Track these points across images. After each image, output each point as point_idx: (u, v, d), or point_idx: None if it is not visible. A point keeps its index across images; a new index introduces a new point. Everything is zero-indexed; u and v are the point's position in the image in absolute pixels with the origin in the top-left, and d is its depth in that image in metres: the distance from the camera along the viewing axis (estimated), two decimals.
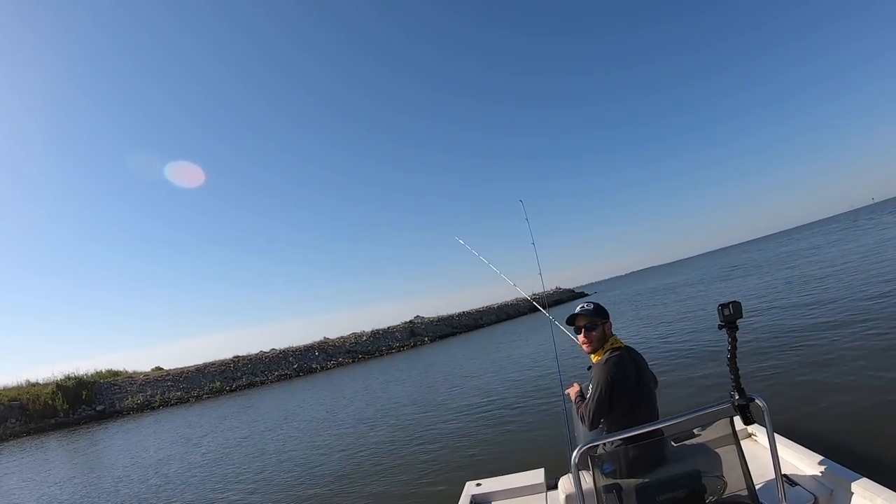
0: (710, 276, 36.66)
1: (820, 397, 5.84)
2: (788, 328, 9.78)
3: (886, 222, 35.31)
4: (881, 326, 7.93)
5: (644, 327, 15.78)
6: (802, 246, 39.03)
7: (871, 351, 6.90)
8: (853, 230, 39.32)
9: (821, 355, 7.37)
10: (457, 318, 47.24)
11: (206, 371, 30.35)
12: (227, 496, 7.66)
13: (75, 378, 26.28)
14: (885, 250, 18.06)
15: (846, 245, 25.52)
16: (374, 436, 9.45)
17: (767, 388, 6.35)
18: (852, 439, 4.41)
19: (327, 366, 34.04)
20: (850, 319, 8.94)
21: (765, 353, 8.21)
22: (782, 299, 13.44)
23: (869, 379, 5.91)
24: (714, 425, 2.11)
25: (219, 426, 16.10)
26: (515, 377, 13.00)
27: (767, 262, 30.88)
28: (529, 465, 4.08)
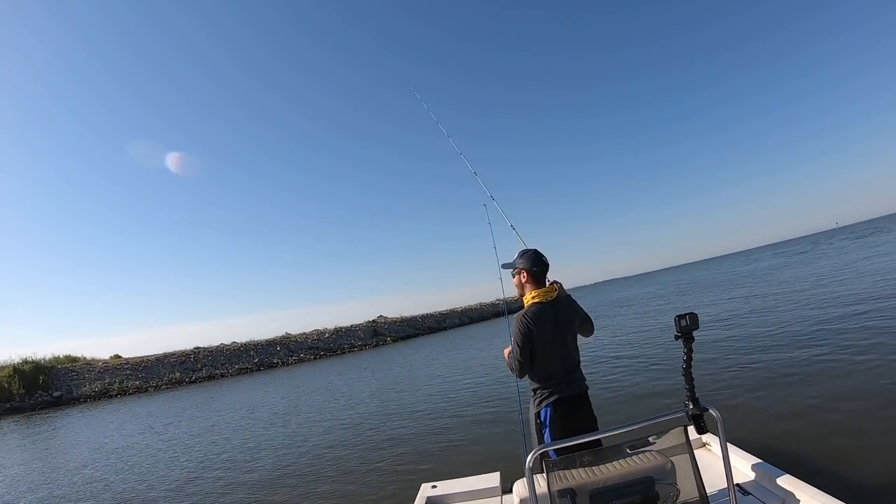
0: (669, 290, 38.13)
1: (773, 410, 6.04)
2: (743, 343, 10.20)
3: (845, 247, 37.04)
4: (833, 345, 8.33)
5: (605, 337, 16.25)
6: (762, 266, 41.04)
7: (824, 367, 7.23)
8: (812, 253, 41.63)
9: (775, 370, 7.66)
10: (420, 319, 47.89)
11: (166, 361, 30.27)
12: (184, 485, 7.80)
13: (33, 362, 26.03)
14: (839, 274, 19.21)
15: (802, 267, 27.36)
16: (332, 434, 9.50)
17: (721, 400, 6.53)
18: (804, 451, 4.60)
19: (289, 361, 34.25)
20: (803, 337, 9.38)
21: (720, 366, 8.56)
22: (739, 316, 14.18)
23: (821, 393, 6.17)
24: (668, 434, 2.14)
25: (181, 416, 16.25)
26: (475, 380, 13.23)
27: (727, 280, 32.55)
28: (485, 469, 4.11)
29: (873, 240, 38.23)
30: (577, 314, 3.07)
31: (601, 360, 11.96)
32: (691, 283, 40.01)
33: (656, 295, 37.56)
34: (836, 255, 30.97)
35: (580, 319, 3.08)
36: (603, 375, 9.91)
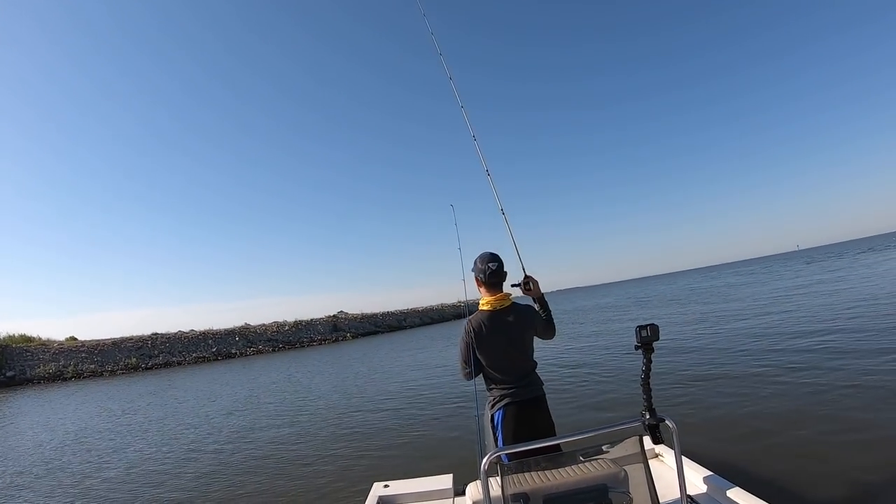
0: (628, 302, 39.63)
1: (727, 424, 6.19)
2: (699, 358, 10.63)
3: (799, 270, 39.86)
4: (787, 365, 8.64)
5: (563, 345, 16.57)
6: (718, 283, 43.50)
7: (779, 386, 7.47)
8: (766, 274, 44.18)
9: (730, 385, 7.94)
10: (380, 317, 48.43)
11: (122, 346, 30.17)
12: (139, 466, 7.99)
13: None
14: (788, 296, 20.60)
15: (757, 287, 29.47)
16: (287, 428, 9.55)
17: (676, 412, 6.54)
18: (756, 466, 4.72)
19: (247, 352, 34.40)
20: (757, 356, 9.83)
21: (676, 379, 8.81)
22: (696, 331, 14.87)
23: (774, 411, 6.36)
24: (623, 443, 2.15)
25: (139, 401, 16.40)
26: (433, 381, 13.42)
27: (685, 295, 34.44)
28: (438, 471, 4.11)
29: (829, 264, 40.62)
30: (531, 324, 3.04)
31: (558, 366, 12.32)
32: (651, 296, 41.91)
33: (614, 306, 39.23)
34: (790, 277, 33.12)
35: (538, 326, 3.07)
36: (558, 383, 10.08)
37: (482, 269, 3.01)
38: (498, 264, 3.01)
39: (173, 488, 6.69)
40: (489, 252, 3.08)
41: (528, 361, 3.01)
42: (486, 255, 3.05)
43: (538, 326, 3.06)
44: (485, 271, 2.99)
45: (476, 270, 3.07)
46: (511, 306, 3.01)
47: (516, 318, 2.97)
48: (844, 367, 7.88)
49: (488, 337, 2.93)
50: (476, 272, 3.07)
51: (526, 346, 3.01)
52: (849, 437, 5.13)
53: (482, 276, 3.01)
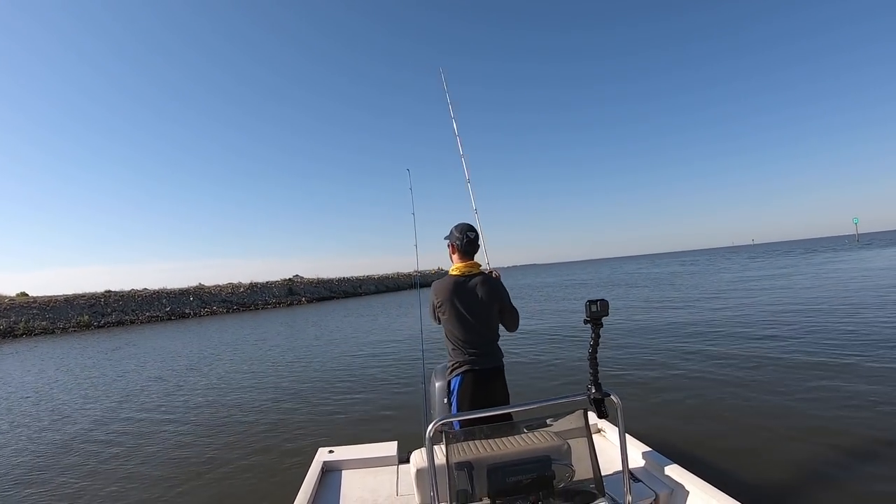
0: (574, 283, 40.70)
1: (669, 404, 6.39)
2: (646, 338, 11.11)
3: (746, 264, 42.15)
4: (732, 350, 9.09)
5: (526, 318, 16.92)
6: (666, 271, 45.37)
7: (722, 370, 7.75)
8: (709, 264, 46.46)
9: (673, 366, 8.23)
10: (336, 283, 48.99)
11: (75, 302, 30.20)
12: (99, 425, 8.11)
13: None
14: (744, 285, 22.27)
15: (706, 276, 31.33)
16: (235, 393, 9.53)
17: (620, 388, 6.34)
18: (696, 445, 4.83)
19: (201, 313, 34.73)
20: (704, 339, 10.34)
21: (622, 357, 9.17)
22: (646, 311, 15.76)
23: (716, 394, 6.58)
24: (568, 417, 2.18)
25: (98, 358, 16.54)
26: (385, 348, 13.56)
27: (635, 280, 35.93)
28: (384, 438, 4.13)
29: (776, 260, 43.19)
30: (498, 297, 3.12)
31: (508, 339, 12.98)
32: (596, 280, 43.14)
33: (561, 284, 40.58)
34: (739, 270, 35.08)
35: (501, 304, 3.15)
36: None
37: (459, 237, 3.13)
38: (475, 234, 3.16)
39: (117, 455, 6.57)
40: (466, 223, 3.21)
41: (490, 330, 3.10)
42: (465, 225, 3.18)
43: (504, 302, 3.15)
44: (461, 239, 3.12)
45: (452, 237, 3.17)
46: (480, 275, 3.13)
47: (483, 287, 3.07)
48: (783, 354, 8.41)
49: (453, 301, 3.03)
50: (452, 239, 3.17)
51: (489, 316, 3.07)
52: (784, 420, 5.42)
53: (458, 242, 3.14)
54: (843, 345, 8.66)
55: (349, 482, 3.55)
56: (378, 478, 3.57)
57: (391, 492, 3.33)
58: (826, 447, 4.67)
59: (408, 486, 3.08)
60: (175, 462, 6.07)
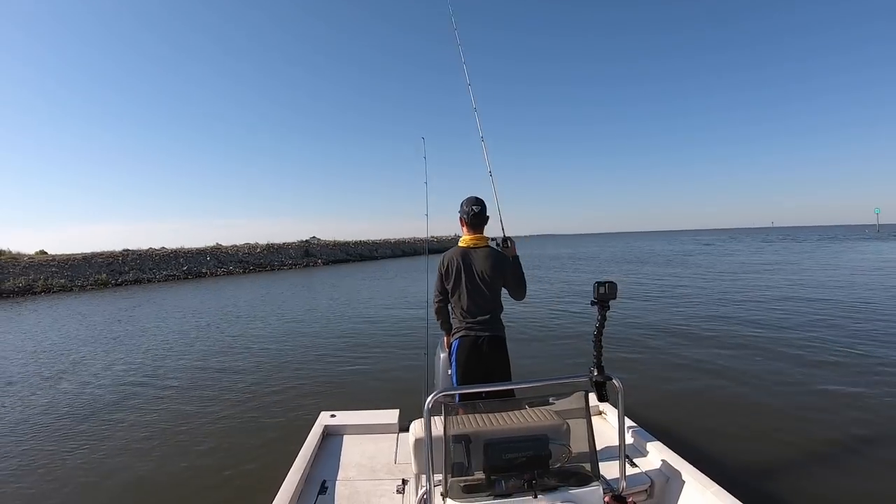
0: (604, 256, 41.14)
1: (672, 390, 6.44)
2: (651, 321, 11.09)
3: (760, 248, 42.59)
4: (747, 335, 9.19)
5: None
6: (679, 249, 46.02)
7: (730, 358, 7.80)
8: (729, 244, 46.89)
9: (678, 353, 8.21)
10: (353, 245, 48.81)
11: (93, 261, 30.26)
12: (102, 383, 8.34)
13: None
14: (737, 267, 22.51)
15: (718, 257, 31.76)
16: (247, 352, 9.78)
17: (621, 369, 6.79)
18: (694, 434, 4.90)
19: (217, 272, 34.80)
20: (711, 323, 10.49)
21: (626, 340, 9.18)
22: (654, 293, 15.64)
23: (719, 384, 6.62)
24: (569, 397, 2.18)
25: (119, 315, 16.57)
26: (396, 314, 13.81)
27: (648, 257, 36.22)
28: (386, 405, 4.19)
29: (791, 246, 43.66)
30: (504, 269, 3.22)
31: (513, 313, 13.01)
32: (620, 255, 42.91)
33: (573, 256, 40.99)
34: (750, 253, 35.35)
35: (507, 276, 3.25)
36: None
37: (467, 211, 3.26)
38: (481, 208, 3.28)
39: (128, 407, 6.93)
40: (475, 196, 3.30)
41: (492, 302, 3.22)
42: (472, 199, 3.29)
43: (508, 276, 3.25)
44: (468, 212, 3.25)
45: (461, 211, 3.30)
46: (486, 248, 3.25)
47: (488, 259, 3.20)
48: (793, 339, 8.62)
49: (458, 270, 3.18)
50: (461, 212, 3.30)
51: (492, 287, 3.20)
52: (786, 414, 5.51)
53: (466, 216, 3.28)
54: (849, 338, 8.72)
55: (349, 447, 3.61)
56: (378, 445, 3.62)
57: (389, 459, 3.39)
58: (825, 443, 4.73)
59: (406, 454, 3.16)
60: (184, 417, 6.33)
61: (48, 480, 4.80)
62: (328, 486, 3.11)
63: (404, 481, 3.07)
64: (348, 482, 3.16)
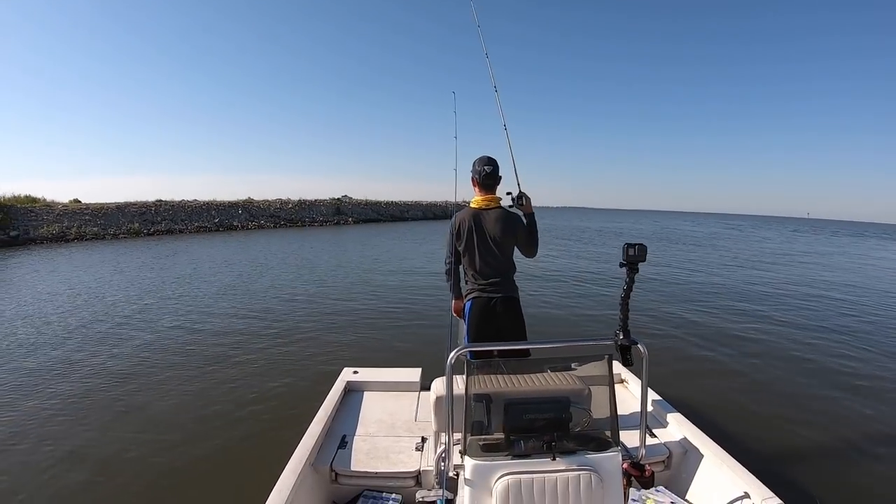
0: (632, 232, 41.67)
1: (695, 363, 6.52)
2: (679, 295, 11.30)
3: (791, 237, 42.44)
4: (775, 315, 9.33)
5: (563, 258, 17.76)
6: (705, 231, 44.86)
7: (759, 336, 7.89)
8: (752, 231, 46.65)
9: (709, 329, 8.28)
10: (384, 206, 48.26)
11: (126, 210, 30.16)
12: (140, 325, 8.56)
13: None
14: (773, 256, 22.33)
15: (751, 243, 30.86)
16: (276, 305, 9.91)
17: (648, 339, 7.21)
18: (714, 411, 4.92)
19: (248, 226, 34.68)
20: (745, 306, 10.35)
21: (651, 309, 9.34)
22: (684, 270, 15.71)
23: (743, 361, 6.68)
24: (591, 363, 2.15)
25: (153, 264, 16.69)
26: (423, 275, 13.81)
27: (678, 237, 36.36)
28: (409, 364, 4.25)
29: (822, 238, 43.11)
30: (516, 230, 3.19)
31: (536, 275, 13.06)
32: (649, 231, 42.85)
33: (601, 231, 40.77)
34: (782, 241, 34.54)
35: (520, 234, 3.22)
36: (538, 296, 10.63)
37: (478, 171, 3.21)
38: (493, 167, 3.20)
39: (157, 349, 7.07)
40: (487, 156, 3.21)
41: (504, 263, 3.20)
42: (484, 158, 3.21)
43: (520, 235, 3.21)
44: (480, 172, 3.20)
45: (473, 171, 3.25)
46: (498, 209, 3.21)
47: (500, 220, 3.16)
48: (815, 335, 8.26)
49: (469, 232, 3.17)
50: (473, 172, 3.25)
51: (503, 249, 3.18)
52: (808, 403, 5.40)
53: (477, 176, 3.22)
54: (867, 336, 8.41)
55: (370, 403, 3.68)
56: (399, 402, 3.69)
57: (409, 417, 3.45)
58: (849, 436, 4.62)
59: (427, 412, 3.33)
60: (212, 361, 6.58)
61: (84, 410, 5.13)
62: (348, 441, 3.16)
63: (423, 439, 3.13)
64: (368, 437, 3.22)
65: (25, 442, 4.50)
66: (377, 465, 2.93)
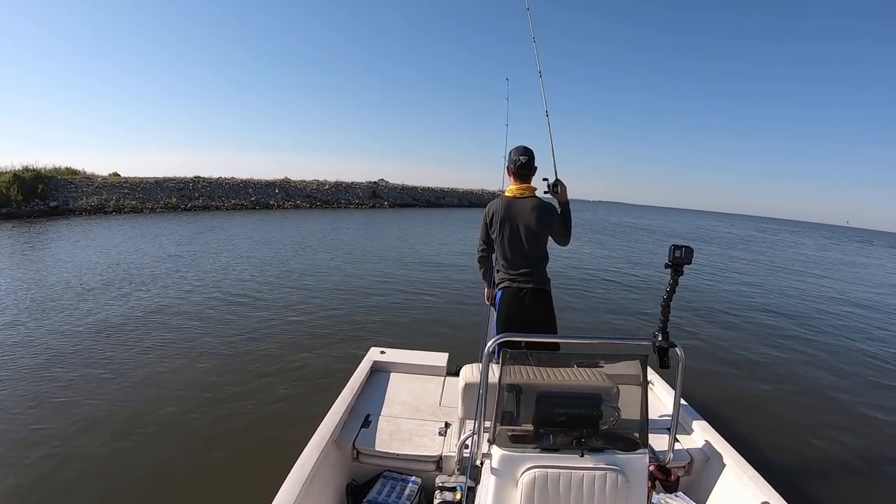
0: (665, 230, 40.80)
1: (722, 368, 6.41)
2: (715, 297, 11.07)
3: (821, 244, 40.92)
4: (813, 327, 8.95)
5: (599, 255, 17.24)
6: (740, 233, 44.41)
7: (796, 349, 7.60)
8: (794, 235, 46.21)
9: (746, 338, 8.00)
10: (420, 191, 47.75)
11: (164, 185, 30.17)
12: None
13: (33, 171, 25.51)
14: None
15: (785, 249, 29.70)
16: (310, 282, 10.07)
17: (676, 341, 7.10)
18: (739, 416, 4.86)
19: (285, 205, 34.61)
20: (776, 314, 10.00)
21: (685, 313, 9.06)
22: (724, 275, 15.05)
23: (777, 372, 6.48)
24: (623, 362, 2.13)
25: (194, 238, 16.79)
26: (458, 263, 13.76)
27: (710, 236, 35.28)
28: (436, 348, 4.27)
29: (857, 248, 42.14)
30: (549, 219, 3.15)
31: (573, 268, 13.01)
32: (685, 231, 42.28)
33: (634, 226, 39.52)
34: (815, 249, 33.28)
35: (554, 226, 3.17)
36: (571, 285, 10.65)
37: (514, 160, 3.16)
38: (529, 158, 3.15)
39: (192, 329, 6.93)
40: (523, 146, 3.18)
41: (536, 253, 3.14)
42: (520, 148, 3.17)
43: (555, 227, 3.17)
44: (515, 162, 3.16)
45: (508, 160, 3.22)
46: (532, 198, 3.16)
47: (534, 210, 3.11)
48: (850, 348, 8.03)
49: (502, 221, 3.13)
50: (508, 162, 3.23)
51: (536, 239, 3.13)
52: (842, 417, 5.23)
53: (513, 165, 3.19)
54: None
55: (395, 384, 3.68)
56: (424, 385, 3.67)
57: (434, 401, 3.44)
58: (881, 459, 4.46)
59: (451, 398, 3.37)
60: (250, 331, 6.79)
61: (124, 372, 5.31)
62: (371, 420, 3.15)
63: (447, 424, 3.10)
64: (392, 418, 3.20)
65: (58, 399, 4.70)
66: (399, 446, 2.91)
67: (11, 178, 23.86)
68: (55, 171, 27.99)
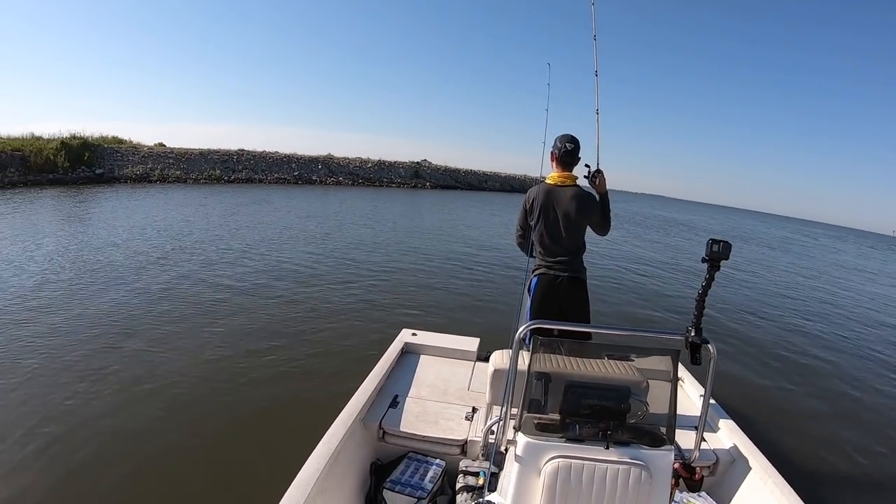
0: (702, 226, 38.89)
1: (753, 369, 6.23)
2: (750, 296, 10.80)
3: (866, 253, 37.67)
4: (850, 336, 8.66)
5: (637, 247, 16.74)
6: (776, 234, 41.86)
7: (833, 357, 7.28)
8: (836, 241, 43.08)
9: (782, 340, 7.74)
10: (462, 173, 46.77)
11: (209, 156, 30.09)
12: None
13: (80, 139, 25.64)
14: None
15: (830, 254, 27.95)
16: (351, 259, 10.08)
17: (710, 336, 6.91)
18: (768, 419, 4.77)
19: (327, 181, 34.33)
20: (820, 322, 9.52)
21: (718, 306, 8.90)
22: (758, 277, 14.40)
23: (811, 381, 6.19)
24: (654, 357, 2.06)
25: (237, 210, 16.82)
26: (497, 248, 13.50)
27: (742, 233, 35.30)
28: (468, 332, 4.25)
29: None
30: (589, 209, 3.09)
31: None
32: (721, 228, 40.92)
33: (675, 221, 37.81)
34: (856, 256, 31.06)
35: (594, 215, 3.13)
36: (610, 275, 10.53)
37: (560, 147, 3.11)
38: (575, 146, 3.11)
39: None
40: (570, 134, 3.14)
41: (573, 242, 3.11)
42: (567, 136, 3.13)
43: (594, 217, 3.14)
44: (561, 149, 3.11)
45: (554, 147, 3.16)
46: (574, 187, 3.12)
47: (574, 199, 3.07)
48: None
49: (542, 207, 3.10)
50: (554, 148, 3.17)
51: (575, 228, 3.09)
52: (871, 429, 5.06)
53: (558, 152, 3.13)
54: None
55: (425, 366, 3.69)
56: (453, 369, 3.67)
57: (462, 386, 3.44)
58: None
59: (480, 383, 3.36)
60: (291, 305, 6.88)
61: (169, 337, 5.50)
62: (399, 401, 3.15)
63: (474, 409, 3.09)
64: (419, 400, 3.20)
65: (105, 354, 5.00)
66: (426, 428, 2.90)
67: (59, 146, 23.97)
68: (102, 139, 28.08)
